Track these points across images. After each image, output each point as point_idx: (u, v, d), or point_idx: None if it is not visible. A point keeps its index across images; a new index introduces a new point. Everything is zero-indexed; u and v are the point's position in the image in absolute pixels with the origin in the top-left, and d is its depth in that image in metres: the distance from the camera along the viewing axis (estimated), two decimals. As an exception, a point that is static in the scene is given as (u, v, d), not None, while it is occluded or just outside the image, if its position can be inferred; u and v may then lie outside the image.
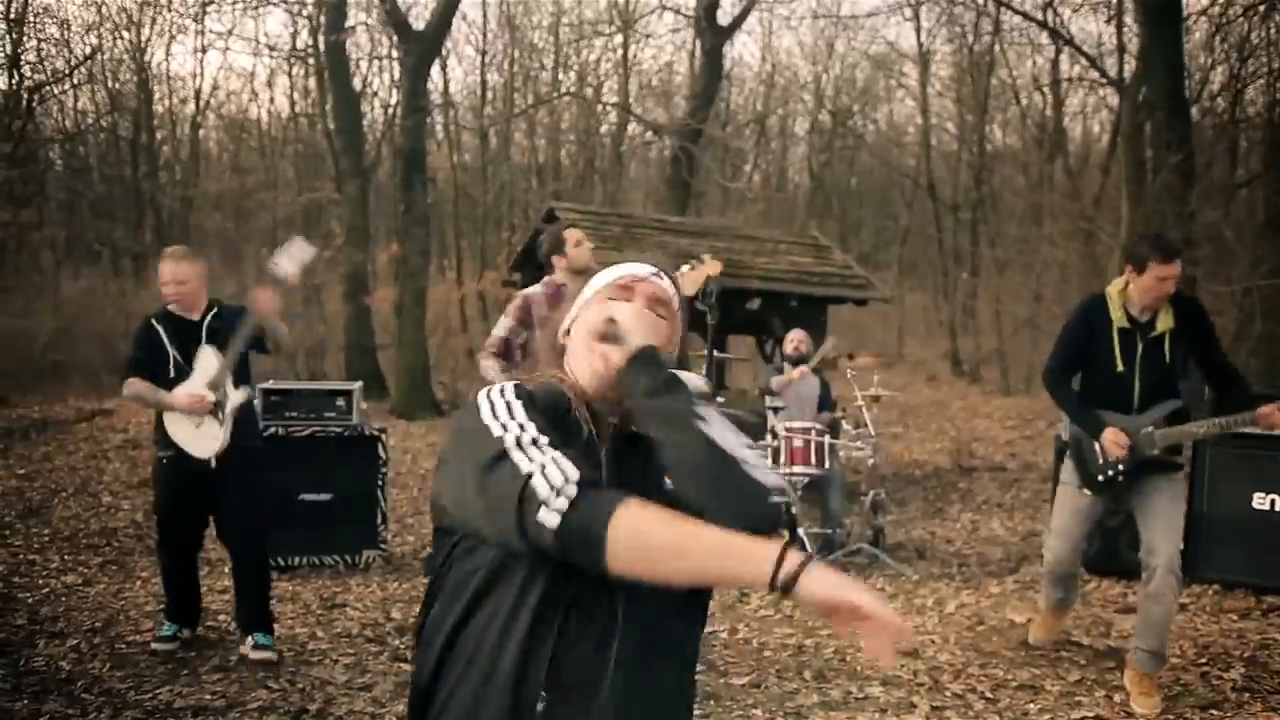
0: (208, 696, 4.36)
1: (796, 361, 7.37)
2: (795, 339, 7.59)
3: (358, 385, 6.67)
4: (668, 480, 1.55)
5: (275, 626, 5.14)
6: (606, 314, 1.66)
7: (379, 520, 6.46)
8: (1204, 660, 5.00)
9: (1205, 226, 10.72)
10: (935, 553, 7.21)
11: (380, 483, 6.42)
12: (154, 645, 4.90)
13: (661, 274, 1.77)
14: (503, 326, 4.83)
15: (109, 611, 5.47)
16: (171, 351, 4.77)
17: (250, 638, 4.86)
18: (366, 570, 6.36)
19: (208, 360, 4.72)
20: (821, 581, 1.33)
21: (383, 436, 6.49)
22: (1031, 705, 4.45)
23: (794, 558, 1.33)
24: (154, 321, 4.84)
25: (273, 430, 6.26)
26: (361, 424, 6.49)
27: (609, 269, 1.78)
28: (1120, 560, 6.37)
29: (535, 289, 4.90)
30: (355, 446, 6.42)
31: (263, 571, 4.98)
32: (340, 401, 6.44)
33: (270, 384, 6.61)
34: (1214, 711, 4.39)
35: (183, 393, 4.67)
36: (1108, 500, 4.64)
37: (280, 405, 6.38)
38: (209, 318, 4.85)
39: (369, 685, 4.54)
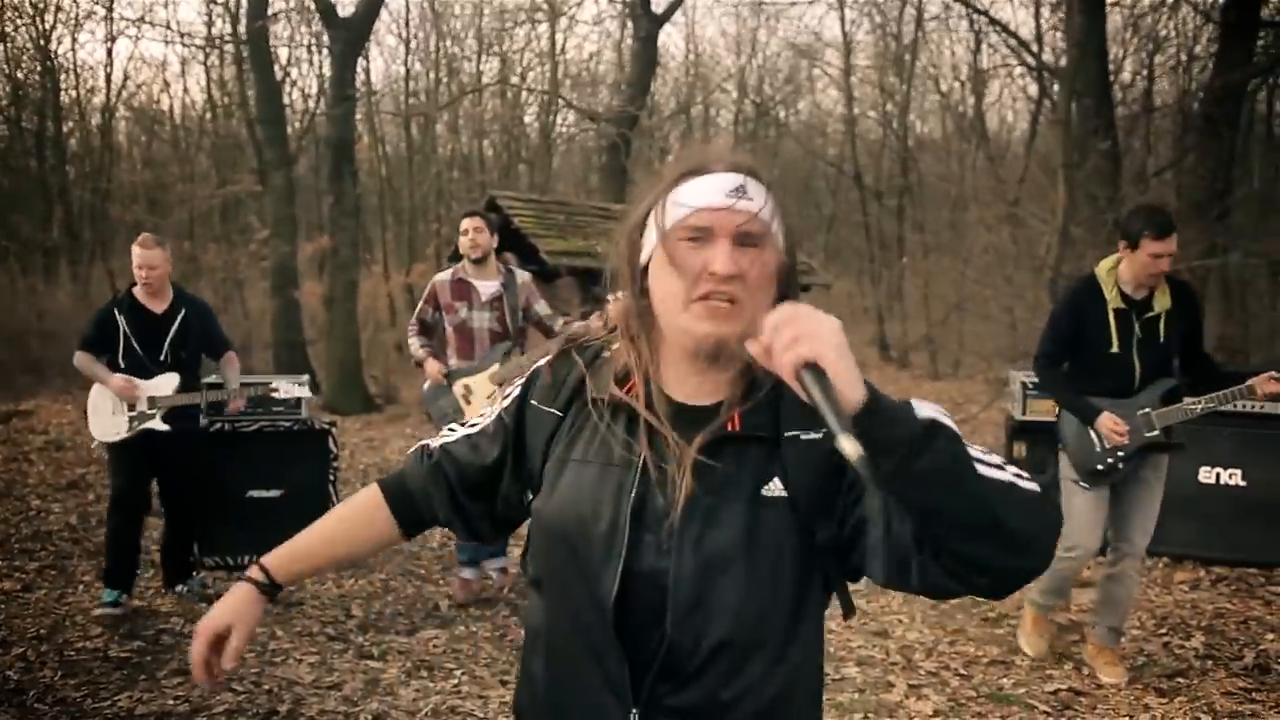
0: (170, 702, 4.20)
1: None
2: None
3: (305, 379, 6.48)
4: (771, 487, 1.35)
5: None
6: (698, 265, 1.32)
7: (331, 516, 6.28)
8: (1164, 631, 5.12)
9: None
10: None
11: (332, 478, 6.25)
12: (97, 612, 5.17)
13: (743, 188, 1.35)
14: (419, 308, 5.64)
15: (53, 617, 5.24)
16: (128, 338, 5.27)
17: (181, 586, 5.60)
18: (320, 567, 6.19)
19: (168, 383, 5.32)
20: None
21: (333, 430, 6.33)
22: (1005, 680, 4.50)
23: None
24: (115, 309, 5.31)
25: (219, 426, 6.06)
26: (310, 418, 6.31)
27: (675, 187, 1.38)
28: (1072, 536, 6.48)
29: (443, 275, 5.60)
30: (305, 441, 6.24)
31: (187, 530, 5.70)
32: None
33: (214, 378, 6.40)
34: (1180, 679, 4.48)
35: (121, 377, 5.19)
36: (1108, 486, 4.44)
37: (226, 401, 6.16)
38: (174, 316, 5.38)
39: (338, 684, 4.42)
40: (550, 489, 1.45)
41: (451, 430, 1.66)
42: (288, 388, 5.79)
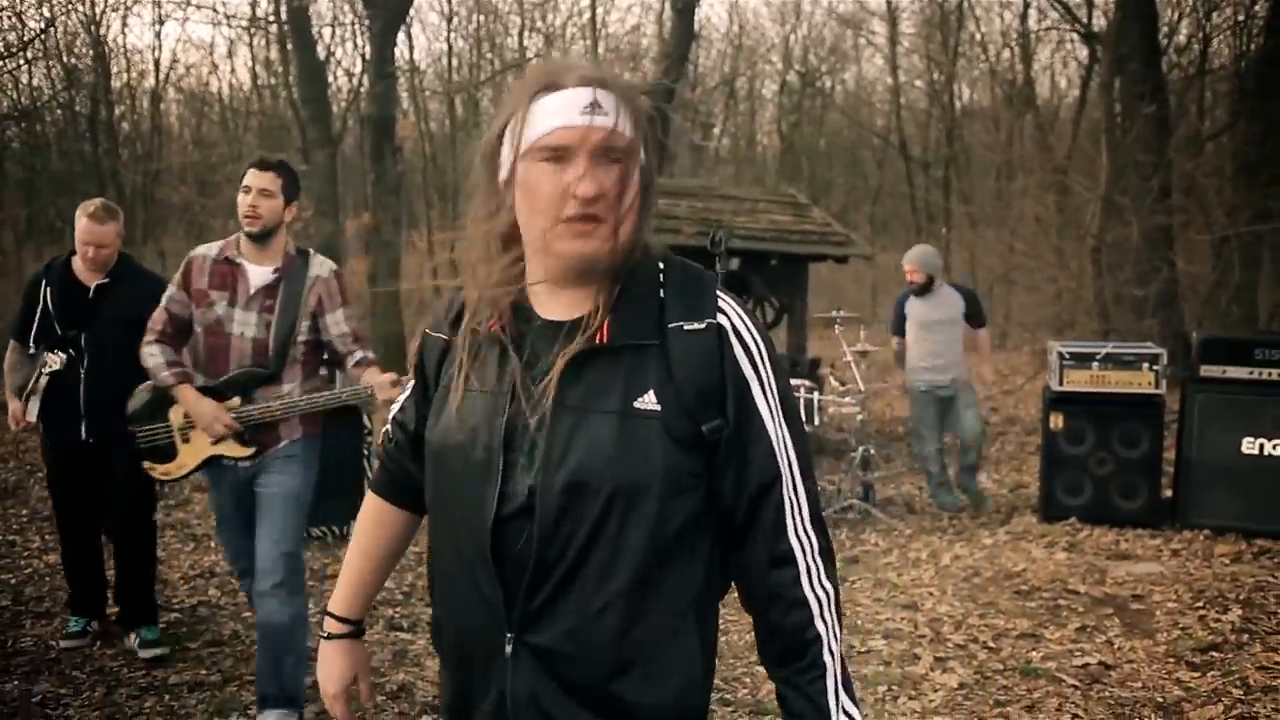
0: (203, 671, 4.29)
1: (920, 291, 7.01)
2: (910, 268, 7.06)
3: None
4: (644, 399, 1.33)
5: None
6: (560, 186, 1.31)
7: (366, 491, 6.35)
8: (1200, 604, 5.03)
9: (1181, 176, 10.74)
10: (925, 507, 7.22)
11: (366, 452, 6.32)
12: (62, 644, 4.51)
13: (597, 103, 1.32)
14: (166, 295, 3.75)
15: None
16: (48, 311, 4.44)
17: (134, 634, 4.47)
18: (355, 541, 6.27)
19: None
20: None
21: (367, 406, 6.38)
22: (1034, 653, 4.45)
23: None
24: (44, 281, 4.51)
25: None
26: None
27: (530, 104, 1.34)
28: (1110, 508, 6.40)
29: (208, 248, 3.76)
30: (340, 416, 6.30)
31: (143, 562, 4.60)
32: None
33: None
34: (1214, 653, 4.41)
35: (16, 406, 4.59)
36: None
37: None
38: (104, 287, 4.42)
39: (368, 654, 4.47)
40: (435, 417, 1.46)
41: (394, 405, 1.71)
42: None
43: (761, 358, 1.39)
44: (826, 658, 1.38)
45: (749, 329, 1.39)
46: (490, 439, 1.37)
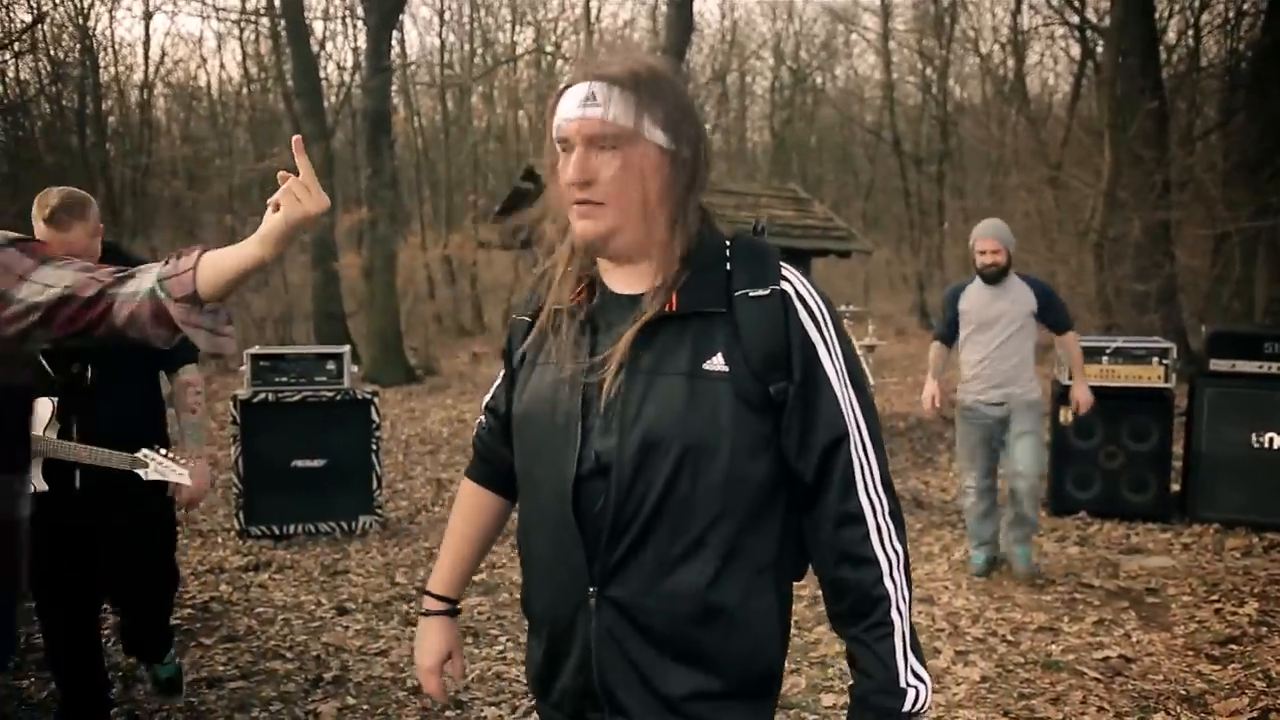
0: (220, 667, 4.26)
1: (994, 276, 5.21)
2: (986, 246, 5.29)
3: (346, 349, 6.51)
4: (713, 362, 1.41)
5: (279, 594, 5.04)
6: (564, 177, 1.44)
7: (374, 485, 6.33)
8: (1215, 598, 5.03)
9: (1181, 171, 10.77)
10: (933, 501, 7.22)
11: (374, 447, 6.28)
12: None
13: (592, 96, 1.41)
14: None
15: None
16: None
17: (150, 670, 3.94)
18: (364, 536, 6.24)
19: (42, 411, 3.17)
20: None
21: (375, 400, 6.36)
22: (1054, 646, 4.45)
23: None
24: None
25: (263, 396, 6.11)
26: (353, 387, 6.34)
27: (558, 100, 1.48)
28: (1120, 502, 6.41)
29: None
30: (348, 410, 6.28)
31: (165, 609, 3.84)
32: (330, 365, 6.29)
33: (257, 349, 6.44)
34: (1234, 646, 4.41)
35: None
36: None
37: (269, 370, 6.21)
38: None
39: (384, 650, 4.45)
40: (520, 391, 1.56)
41: (488, 394, 1.79)
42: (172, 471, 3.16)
43: (826, 322, 1.46)
44: (895, 616, 1.43)
45: (812, 295, 1.47)
46: (569, 405, 1.45)
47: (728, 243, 1.50)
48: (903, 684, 1.42)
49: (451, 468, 8.48)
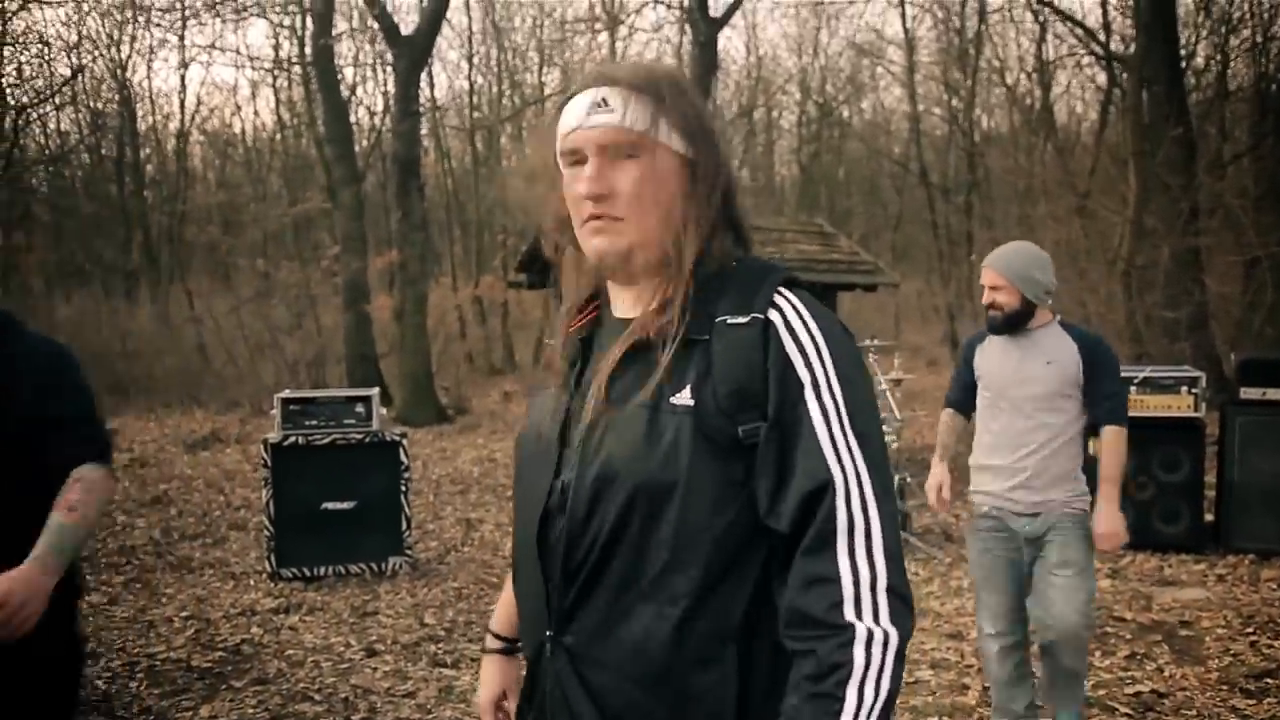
0: (250, 710, 4.29)
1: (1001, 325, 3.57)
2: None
3: (375, 391, 6.59)
4: (680, 395, 1.27)
5: (309, 636, 5.07)
6: (575, 190, 1.35)
7: (404, 527, 6.37)
8: (1250, 630, 4.97)
9: (1210, 197, 10.71)
10: (963, 535, 7.16)
11: (404, 488, 6.34)
12: None
13: (602, 101, 1.32)
14: None
15: (138, 628, 5.39)
16: None
17: None
18: (394, 578, 6.28)
19: None
20: None
21: (404, 442, 6.42)
22: (1086, 681, 4.39)
23: None
24: None
25: (293, 439, 6.19)
26: (382, 429, 6.41)
27: (562, 110, 1.38)
28: (1152, 534, 6.33)
29: None
30: (377, 453, 6.34)
31: None
32: (360, 408, 6.36)
33: (288, 393, 6.53)
34: (1269, 680, 4.35)
35: None
36: None
37: (299, 414, 6.29)
38: None
39: (412, 692, 4.47)
40: (525, 417, 1.52)
41: None
42: None
43: (820, 354, 1.26)
44: (851, 693, 1.15)
45: (808, 322, 1.28)
46: (551, 432, 1.39)
47: (735, 263, 1.36)
48: None
49: (481, 507, 8.52)
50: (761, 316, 1.28)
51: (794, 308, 1.30)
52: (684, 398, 1.26)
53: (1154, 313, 10.19)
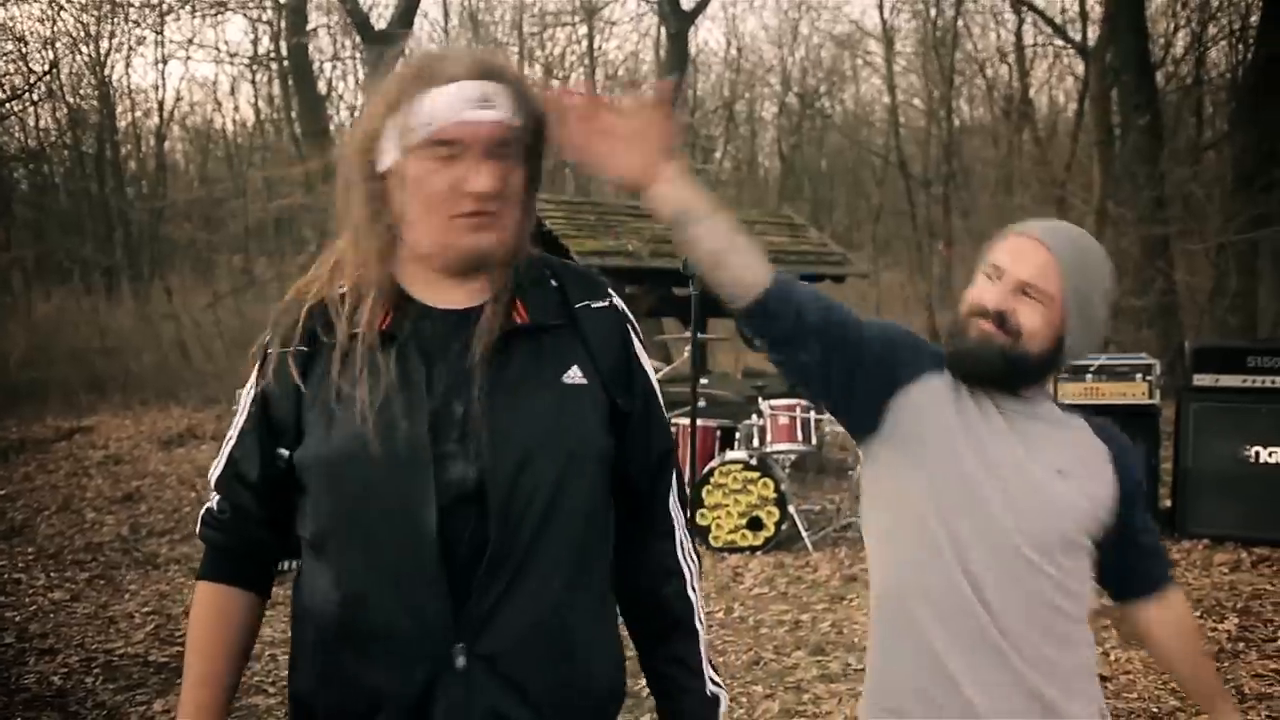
0: (203, 704, 4.32)
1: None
2: None
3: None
4: (571, 374, 1.37)
5: (268, 630, 5.10)
6: (451, 182, 1.29)
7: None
8: (1198, 613, 5.02)
9: (1175, 186, 10.79)
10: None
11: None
12: None
13: (489, 98, 1.30)
14: None
15: (98, 625, 5.41)
16: None
17: None
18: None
19: None
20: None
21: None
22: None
23: None
24: None
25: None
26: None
27: (416, 97, 1.31)
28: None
29: None
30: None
31: None
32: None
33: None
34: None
35: None
36: None
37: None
38: None
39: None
40: (324, 431, 1.33)
41: (218, 465, 1.47)
42: None
43: (642, 342, 1.47)
44: (698, 624, 1.47)
45: (629, 311, 1.48)
46: (413, 434, 1.29)
47: (542, 260, 1.46)
48: (709, 691, 1.45)
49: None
50: (614, 302, 1.45)
51: (619, 297, 1.48)
52: (575, 376, 1.36)
53: (1121, 301, 10.26)
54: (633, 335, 1.45)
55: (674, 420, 6.91)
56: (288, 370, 1.37)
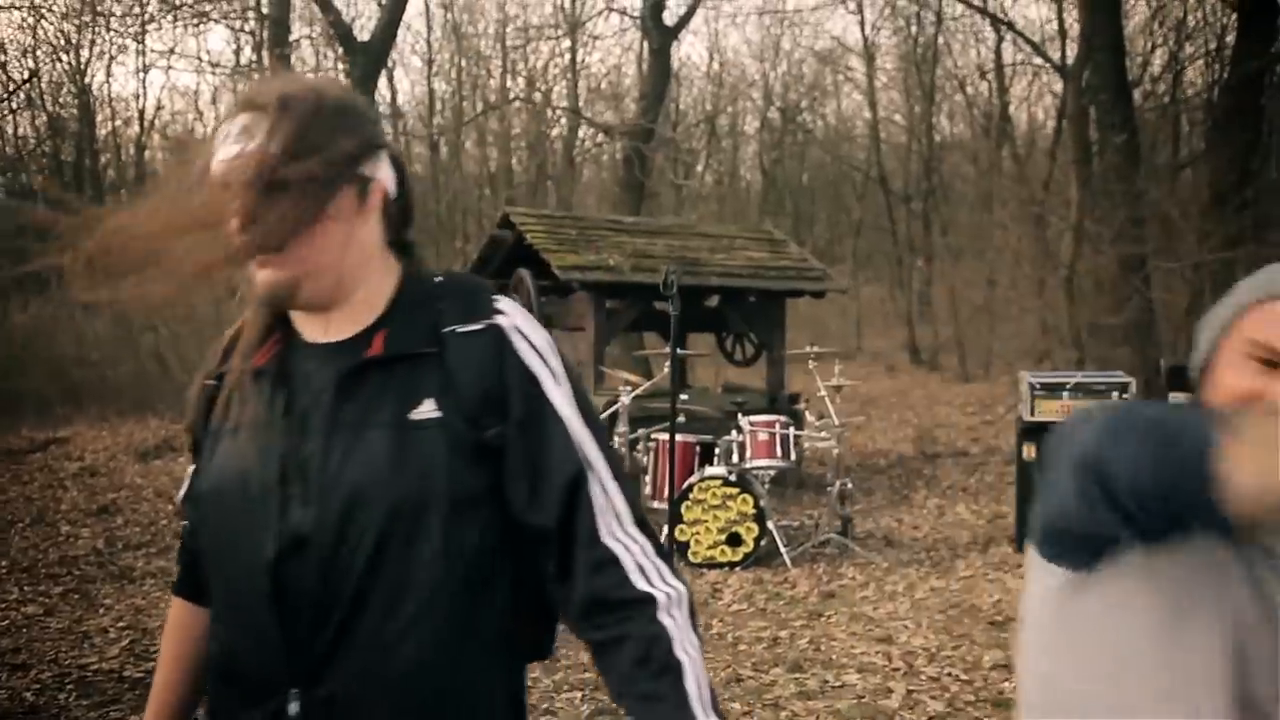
0: None
1: None
2: None
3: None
4: (421, 409, 1.25)
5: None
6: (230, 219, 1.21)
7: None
8: (1172, 631, 5.06)
9: (1152, 205, 10.91)
10: (903, 539, 7.26)
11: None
12: None
13: (245, 129, 1.23)
14: None
15: (71, 640, 5.36)
16: None
17: None
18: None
19: None
20: None
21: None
22: (1006, 684, 4.48)
23: None
24: None
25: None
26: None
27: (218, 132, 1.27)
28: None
29: None
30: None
31: None
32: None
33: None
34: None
35: None
36: None
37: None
38: None
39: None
40: (205, 466, 1.34)
41: (184, 484, 1.48)
42: None
43: (550, 353, 1.32)
44: (681, 655, 1.22)
45: (532, 326, 1.33)
46: (264, 473, 1.26)
47: (437, 279, 1.37)
48: None
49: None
50: (493, 321, 1.31)
51: (519, 312, 1.34)
52: (427, 411, 1.26)
53: (1099, 319, 10.35)
54: (520, 352, 1.30)
55: (654, 435, 6.94)
56: (199, 402, 1.39)
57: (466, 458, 1.26)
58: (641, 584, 1.25)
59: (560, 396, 1.30)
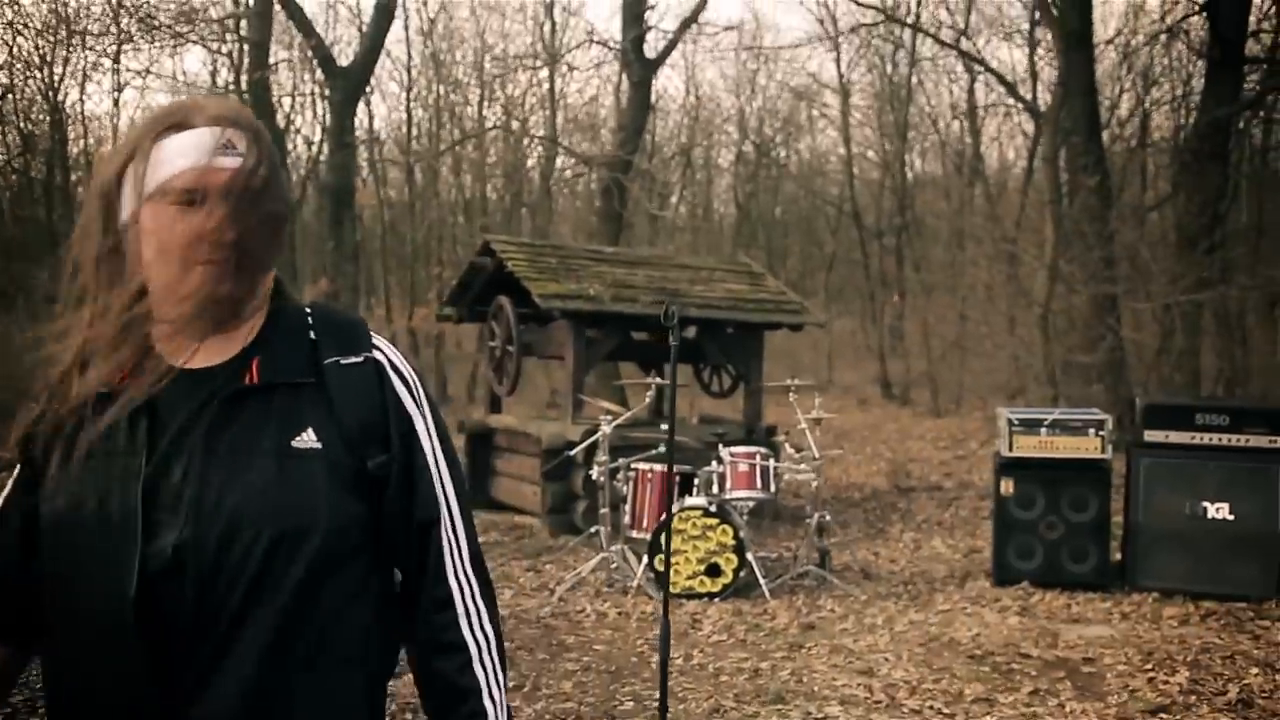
0: None
1: None
2: None
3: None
4: (303, 438, 1.28)
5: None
6: (193, 229, 1.25)
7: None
8: (1149, 666, 5.11)
9: (1124, 246, 11.09)
10: (881, 573, 7.28)
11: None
12: None
13: (231, 144, 1.28)
14: None
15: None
16: None
17: None
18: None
19: None
20: None
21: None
22: (988, 718, 4.50)
23: None
24: None
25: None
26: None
27: (156, 143, 1.28)
28: (1062, 573, 6.50)
29: None
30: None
31: None
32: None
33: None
34: (1163, 715, 4.49)
35: None
36: None
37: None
38: None
39: None
40: (52, 493, 1.29)
41: None
42: None
43: (422, 394, 1.39)
44: (488, 705, 1.35)
45: (406, 366, 1.40)
46: (125, 499, 1.24)
47: (307, 309, 1.39)
48: None
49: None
50: (372, 356, 1.36)
51: (392, 350, 1.41)
52: (308, 440, 1.28)
53: (1071, 356, 10.49)
54: (398, 390, 1.37)
55: (634, 465, 6.93)
56: (38, 432, 1.35)
57: (346, 486, 1.30)
58: (465, 629, 1.37)
59: (429, 440, 1.38)
